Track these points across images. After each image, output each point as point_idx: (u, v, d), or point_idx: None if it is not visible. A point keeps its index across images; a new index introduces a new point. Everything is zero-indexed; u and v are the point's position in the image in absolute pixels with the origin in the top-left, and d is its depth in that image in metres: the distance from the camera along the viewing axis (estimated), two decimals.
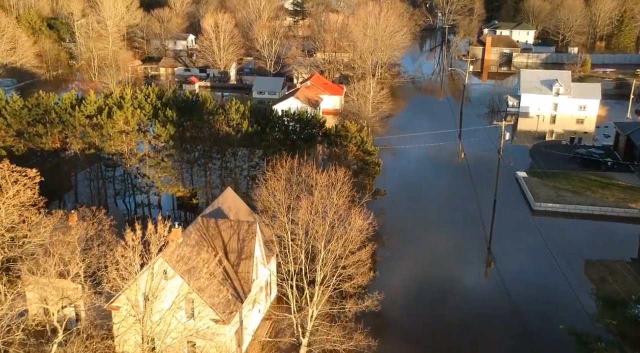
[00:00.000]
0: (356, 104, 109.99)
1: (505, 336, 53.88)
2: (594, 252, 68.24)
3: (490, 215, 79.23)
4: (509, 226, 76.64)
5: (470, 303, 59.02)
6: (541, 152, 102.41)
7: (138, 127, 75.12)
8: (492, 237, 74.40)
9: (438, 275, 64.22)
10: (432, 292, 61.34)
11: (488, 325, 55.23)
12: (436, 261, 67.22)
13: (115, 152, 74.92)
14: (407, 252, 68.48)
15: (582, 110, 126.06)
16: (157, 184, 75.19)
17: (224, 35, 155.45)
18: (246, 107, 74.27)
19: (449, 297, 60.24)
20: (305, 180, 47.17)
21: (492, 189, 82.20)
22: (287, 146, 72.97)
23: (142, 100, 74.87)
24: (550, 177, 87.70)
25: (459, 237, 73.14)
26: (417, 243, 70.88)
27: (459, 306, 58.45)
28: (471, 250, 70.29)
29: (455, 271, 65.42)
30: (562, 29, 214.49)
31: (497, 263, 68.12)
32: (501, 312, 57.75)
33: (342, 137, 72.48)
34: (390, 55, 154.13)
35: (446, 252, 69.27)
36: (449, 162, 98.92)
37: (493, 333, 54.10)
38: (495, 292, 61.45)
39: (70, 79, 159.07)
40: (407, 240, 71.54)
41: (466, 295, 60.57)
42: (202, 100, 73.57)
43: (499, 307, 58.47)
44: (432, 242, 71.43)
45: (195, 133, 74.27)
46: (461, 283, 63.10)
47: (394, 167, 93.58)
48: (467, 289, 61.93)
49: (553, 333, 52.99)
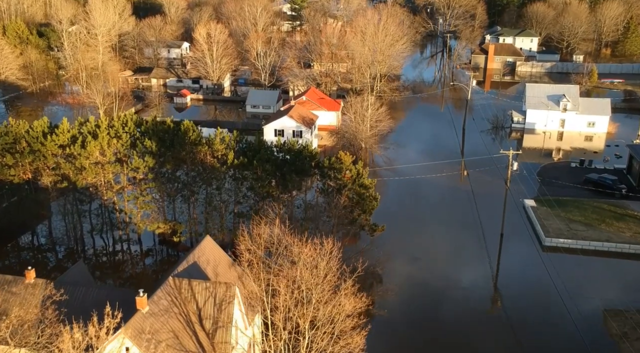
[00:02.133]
0: (353, 123, 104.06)
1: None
2: (613, 297, 62.27)
3: (497, 250, 73.50)
4: (517, 263, 70.83)
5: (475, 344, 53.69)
6: (549, 175, 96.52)
7: (115, 157, 69.21)
8: (499, 275, 68.71)
9: (440, 318, 58.82)
10: (434, 331, 56.14)
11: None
12: (438, 303, 61.60)
13: (90, 184, 68.99)
14: (408, 296, 62.75)
15: (591, 126, 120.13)
16: (135, 220, 69.27)
17: (216, 46, 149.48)
18: (232, 137, 68.35)
19: (452, 338, 55.14)
20: (287, 250, 41.06)
21: (499, 220, 76.39)
22: (277, 179, 67.23)
23: (119, 129, 68.95)
24: (560, 206, 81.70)
25: (463, 276, 67.32)
26: (417, 281, 65.14)
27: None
28: (476, 290, 64.48)
29: (459, 315, 59.84)
30: (567, 35, 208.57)
31: (504, 302, 62.60)
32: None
33: (336, 170, 66.60)
34: (389, 65, 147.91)
35: (450, 297, 63.40)
36: (452, 190, 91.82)
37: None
38: (501, 337, 55.66)
39: (57, 91, 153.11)
40: (407, 278, 65.84)
41: (470, 336, 55.38)
42: (184, 130, 67.60)
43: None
44: (434, 283, 65.62)
45: (177, 165, 68.36)
46: (466, 326, 57.62)
47: (392, 197, 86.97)
48: (472, 333, 56.43)
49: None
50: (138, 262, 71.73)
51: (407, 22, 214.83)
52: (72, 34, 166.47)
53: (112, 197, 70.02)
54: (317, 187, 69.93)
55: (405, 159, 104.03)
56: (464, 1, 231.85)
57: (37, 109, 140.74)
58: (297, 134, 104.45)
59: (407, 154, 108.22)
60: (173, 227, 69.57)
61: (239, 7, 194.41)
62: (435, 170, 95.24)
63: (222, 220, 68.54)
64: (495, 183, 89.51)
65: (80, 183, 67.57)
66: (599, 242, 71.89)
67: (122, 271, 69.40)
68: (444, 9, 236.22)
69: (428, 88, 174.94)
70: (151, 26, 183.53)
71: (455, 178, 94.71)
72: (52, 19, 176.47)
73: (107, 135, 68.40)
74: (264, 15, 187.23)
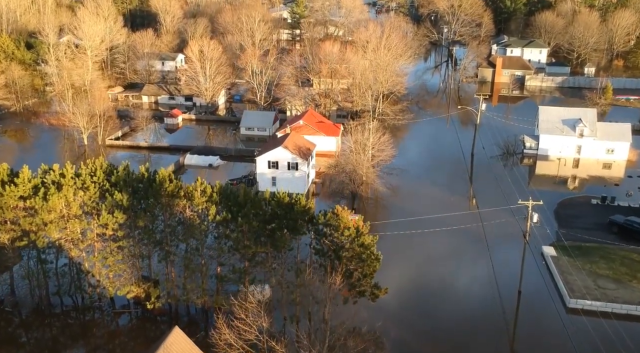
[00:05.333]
0: (354, 154, 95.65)
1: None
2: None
3: (514, 312, 65.23)
4: (537, 328, 62.40)
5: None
6: (568, 213, 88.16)
7: (82, 211, 61.05)
8: (517, 341, 60.51)
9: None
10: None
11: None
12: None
13: (52, 242, 60.83)
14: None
15: (610, 153, 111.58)
16: (104, 284, 61.06)
17: (210, 64, 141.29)
18: (214, 189, 60.10)
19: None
20: None
21: (516, 272, 68.08)
22: (265, 237, 59.04)
23: (87, 179, 60.75)
24: (584, 255, 73.31)
25: (477, 340, 59.16)
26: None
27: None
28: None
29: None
30: (577, 46, 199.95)
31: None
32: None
33: (332, 227, 58.35)
34: (392, 81, 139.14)
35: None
36: (465, 239, 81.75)
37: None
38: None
39: (41, 110, 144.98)
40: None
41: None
42: (159, 181, 59.32)
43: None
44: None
45: (151, 221, 60.17)
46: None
47: (395, 251, 75.68)
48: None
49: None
50: (110, 323, 63.67)
51: (411, 34, 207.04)
52: (60, 47, 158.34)
53: (79, 256, 61.82)
54: (310, 244, 61.63)
55: (410, 200, 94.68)
56: (470, 9, 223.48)
57: (18, 131, 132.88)
58: (292, 166, 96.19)
59: (412, 190, 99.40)
60: (147, 289, 61.33)
61: (236, 18, 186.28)
62: (445, 222, 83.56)
63: (204, 282, 60.29)
64: (511, 228, 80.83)
65: (41, 243, 59.36)
66: (631, 305, 63.39)
67: (92, 336, 61.37)
68: (448, 16, 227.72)
69: (432, 99, 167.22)
70: (144, 38, 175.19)
71: (466, 224, 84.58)
72: (39, 34, 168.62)
73: (73, 185, 60.29)
74: (261, 27, 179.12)
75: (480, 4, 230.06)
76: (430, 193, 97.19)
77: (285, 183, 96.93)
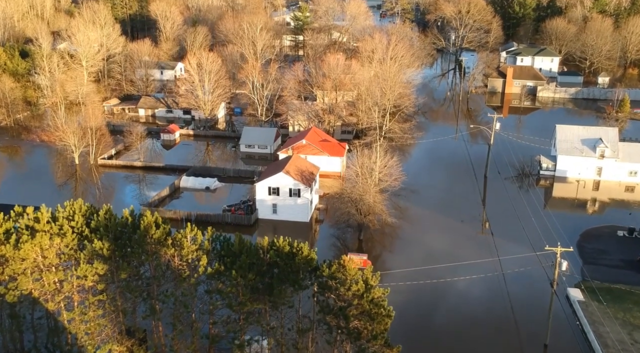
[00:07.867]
0: (360, 178, 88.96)
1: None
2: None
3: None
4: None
5: None
6: (593, 246, 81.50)
7: (58, 259, 54.61)
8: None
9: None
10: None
11: None
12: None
13: (25, 295, 54.40)
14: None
15: (633, 176, 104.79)
16: (83, 341, 54.59)
17: (208, 77, 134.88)
18: (206, 236, 53.59)
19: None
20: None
21: (539, 319, 61.50)
22: (262, 291, 52.56)
23: (64, 225, 54.32)
24: (614, 301, 66.63)
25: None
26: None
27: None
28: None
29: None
30: (590, 54, 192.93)
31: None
32: None
33: (338, 281, 51.81)
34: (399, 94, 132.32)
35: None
36: (484, 284, 74.94)
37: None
38: None
39: (33, 125, 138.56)
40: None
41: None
42: (145, 227, 52.83)
43: None
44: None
45: (135, 272, 53.76)
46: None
47: (405, 302, 69.24)
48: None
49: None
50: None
51: (418, 43, 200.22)
52: (53, 58, 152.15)
53: (55, 309, 55.39)
54: (313, 295, 55.07)
55: (420, 230, 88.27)
56: (478, 16, 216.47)
57: (8, 148, 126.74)
58: (294, 192, 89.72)
59: (422, 217, 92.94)
60: (131, 348, 54.90)
61: (237, 25, 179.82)
62: (458, 271, 75.99)
63: (194, 343, 53.80)
64: (531, 262, 74.34)
65: (11, 297, 52.92)
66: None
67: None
68: (456, 22, 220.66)
69: (439, 108, 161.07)
70: (142, 46, 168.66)
71: (486, 273, 77.39)
72: (35, 40, 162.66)
73: (49, 231, 53.87)
74: (263, 35, 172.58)
75: (489, 9, 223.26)
76: (442, 221, 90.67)
77: (287, 211, 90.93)
